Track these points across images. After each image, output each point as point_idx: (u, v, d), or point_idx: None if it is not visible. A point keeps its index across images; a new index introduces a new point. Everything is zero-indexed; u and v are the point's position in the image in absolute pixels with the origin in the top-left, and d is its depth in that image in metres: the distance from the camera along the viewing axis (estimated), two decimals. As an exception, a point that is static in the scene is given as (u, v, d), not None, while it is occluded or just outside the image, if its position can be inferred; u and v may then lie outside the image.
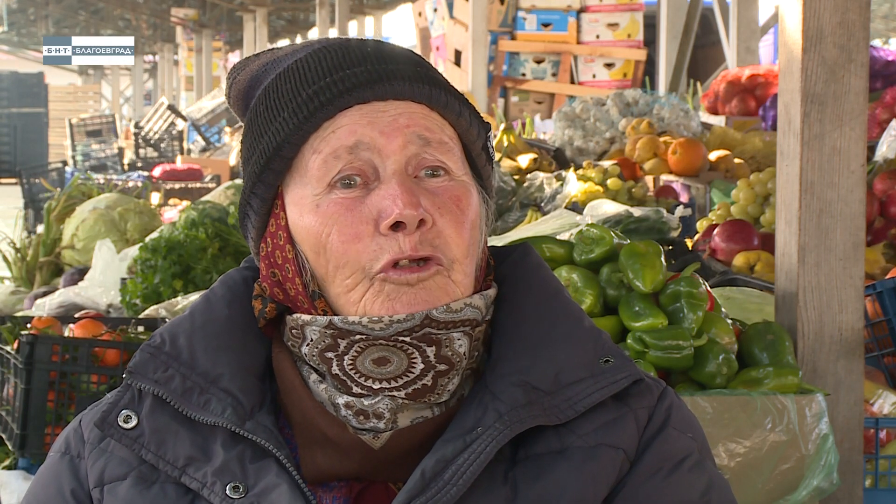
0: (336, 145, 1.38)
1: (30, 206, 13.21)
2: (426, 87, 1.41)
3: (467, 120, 1.44)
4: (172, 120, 17.73)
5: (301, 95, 1.40)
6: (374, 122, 1.39)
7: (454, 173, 1.41)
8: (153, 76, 39.75)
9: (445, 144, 1.41)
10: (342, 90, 1.39)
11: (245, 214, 1.47)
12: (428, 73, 1.43)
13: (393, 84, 1.39)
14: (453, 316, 1.38)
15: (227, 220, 5.20)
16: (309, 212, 1.40)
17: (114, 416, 1.44)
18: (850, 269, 2.73)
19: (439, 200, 1.39)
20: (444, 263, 1.38)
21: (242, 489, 1.37)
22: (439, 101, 1.41)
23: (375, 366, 1.38)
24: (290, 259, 1.42)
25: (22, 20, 35.49)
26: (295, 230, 1.42)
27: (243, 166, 1.48)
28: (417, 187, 1.38)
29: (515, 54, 11.45)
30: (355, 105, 1.39)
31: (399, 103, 1.40)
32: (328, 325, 1.39)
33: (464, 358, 1.39)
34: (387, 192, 1.37)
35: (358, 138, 1.38)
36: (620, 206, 4.10)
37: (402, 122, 1.39)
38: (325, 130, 1.40)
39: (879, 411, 2.96)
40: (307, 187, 1.40)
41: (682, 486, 1.39)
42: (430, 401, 1.39)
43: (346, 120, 1.39)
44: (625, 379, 1.41)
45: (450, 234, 1.39)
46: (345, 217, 1.38)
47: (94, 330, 3.92)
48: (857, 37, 2.70)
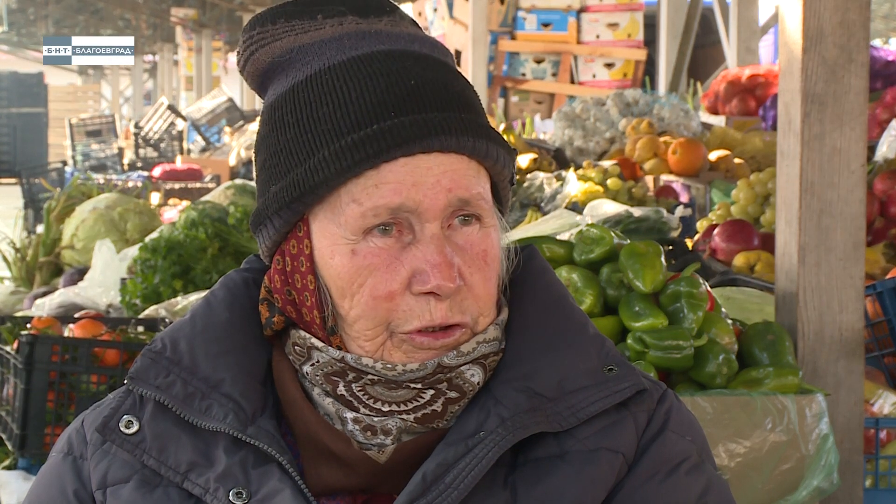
0: (379, 202, 1.34)
1: (30, 206, 13.20)
2: (471, 139, 1.37)
3: (502, 162, 1.42)
4: (172, 120, 17.72)
5: (344, 139, 1.35)
6: (419, 184, 1.34)
7: (485, 222, 1.39)
8: (153, 76, 39.72)
9: (482, 198, 1.39)
10: (391, 145, 1.34)
11: (262, 224, 1.43)
12: (471, 118, 1.39)
13: (441, 139, 1.35)
14: (464, 358, 1.38)
15: (227, 220, 5.20)
16: (343, 254, 1.36)
17: (115, 422, 1.43)
18: (850, 269, 2.73)
19: (468, 257, 1.37)
20: (469, 325, 1.38)
21: (245, 495, 1.37)
22: (481, 152, 1.39)
23: (385, 390, 1.38)
24: (310, 290, 1.40)
25: (22, 20, 35.47)
26: (322, 265, 1.39)
27: (262, 170, 1.43)
28: (450, 244, 1.36)
29: (515, 54, 11.44)
30: (402, 158, 1.35)
31: (443, 157, 1.36)
32: (339, 360, 1.39)
33: (476, 386, 1.39)
34: (424, 256, 1.34)
35: (402, 201, 1.34)
36: (620, 206, 4.10)
37: (445, 185, 1.35)
38: (367, 180, 1.35)
39: (879, 411, 2.96)
40: (340, 228, 1.36)
41: (678, 489, 1.39)
42: (437, 426, 1.39)
43: (392, 176, 1.34)
44: (628, 388, 1.40)
45: (478, 293, 1.37)
46: (381, 272, 1.35)
47: (94, 330, 3.92)
48: (857, 37, 2.70)
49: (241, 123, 16.83)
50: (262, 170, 1.44)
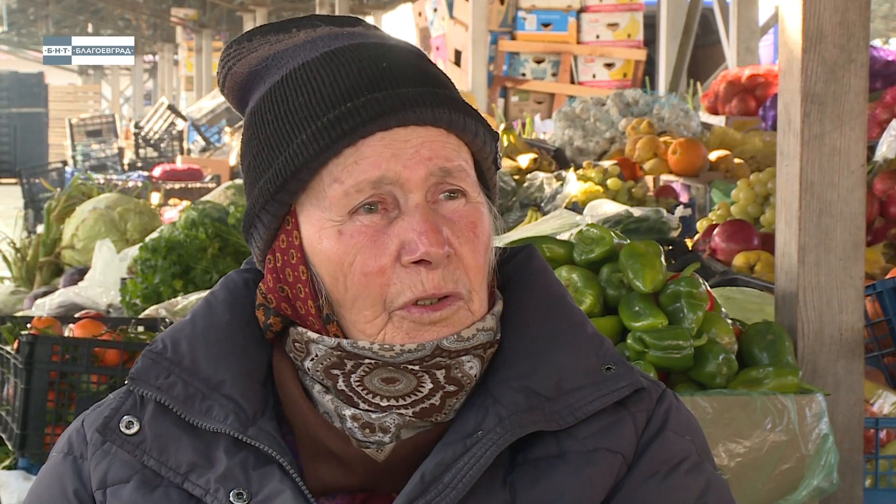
0: (360, 178, 1.36)
1: (30, 206, 13.19)
2: (446, 111, 1.38)
3: (482, 139, 1.43)
4: (172, 120, 17.73)
5: (321, 119, 1.37)
6: (398, 155, 1.36)
7: (470, 196, 1.40)
8: (153, 76, 39.73)
9: (464, 171, 1.40)
10: (365, 119, 1.36)
11: (252, 225, 1.44)
12: (445, 93, 1.41)
13: (416, 111, 1.37)
14: (464, 344, 1.38)
15: (227, 220, 5.20)
16: (330, 237, 1.37)
17: (115, 422, 1.43)
18: (850, 269, 2.73)
19: (457, 228, 1.38)
20: (463, 297, 1.38)
21: (246, 496, 1.37)
22: (458, 125, 1.40)
23: (384, 384, 1.38)
24: (303, 280, 1.40)
25: (22, 20, 35.50)
26: (311, 252, 1.40)
27: (248, 173, 1.44)
28: (437, 216, 1.37)
29: (515, 54, 11.45)
30: (378, 132, 1.36)
31: (420, 130, 1.38)
32: (336, 347, 1.39)
33: (474, 379, 1.39)
34: (410, 225, 1.35)
35: (382, 173, 1.36)
36: (620, 206, 4.10)
37: (424, 154, 1.37)
38: (346, 158, 1.37)
39: (879, 411, 2.96)
40: (326, 211, 1.38)
41: (678, 489, 1.39)
42: (436, 420, 1.39)
43: (370, 151, 1.36)
44: (626, 387, 1.40)
45: (469, 263, 1.38)
46: (368, 248, 1.36)
47: (94, 330, 3.92)
48: (857, 37, 2.70)
49: (241, 123, 16.83)
50: (247, 174, 1.45)
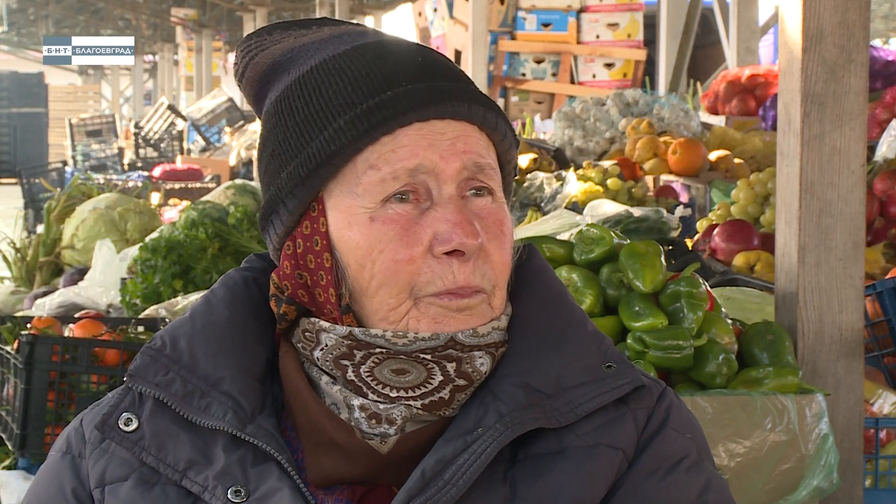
0: (397, 166, 1.36)
1: (30, 206, 13.20)
2: (481, 109, 1.40)
3: (508, 141, 1.45)
4: (172, 120, 17.73)
5: (359, 107, 1.37)
6: (435, 146, 1.37)
7: (496, 195, 1.41)
8: (153, 76, 39.73)
9: (493, 169, 1.41)
10: (405, 108, 1.37)
11: (274, 211, 1.43)
12: (478, 91, 1.43)
13: (454, 104, 1.38)
14: (478, 340, 1.38)
15: (227, 220, 5.21)
16: (360, 224, 1.37)
17: (114, 419, 1.44)
18: (850, 269, 2.73)
19: (486, 224, 1.39)
20: (487, 291, 1.39)
21: (244, 493, 1.37)
22: (490, 124, 1.42)
23: (394, 375, 1.38)
24: (326, 268, 1.40)
25: (22, 20, 35.49)
26: (338, 239, 1.39)
27: (273, 159, 1.43)
28: (469, 211, 1.38)
29: (515, 54, 11.45)
30: (416, 122, 1.38)
31: (456, 124, 1.39)
32: (347, 336, 1.38)
33: (483, 376, 1.40)
34: (444, 216, 1.36)
35: (420, 161, 1.36)
36: (620, 206, 4.10)
37: (459, 147, 1.38)
38: (383, 146, 1.37)
39: (879, 411, 2.96)
40: (358, 199, 1.38)
41: (679, 486, 1.39)
42: (444, 414, 1.39)
43: (407, 140, 1.37)
44: (626, 385, 1.41)
45: (495, 259, 1.39)
46: (401, 237, 1.36)
47: (94, 330, 3.92)
48: (857, 37, 2.70)
49: (241, 123, 16.85)
50: (270, 161, 1.44)
